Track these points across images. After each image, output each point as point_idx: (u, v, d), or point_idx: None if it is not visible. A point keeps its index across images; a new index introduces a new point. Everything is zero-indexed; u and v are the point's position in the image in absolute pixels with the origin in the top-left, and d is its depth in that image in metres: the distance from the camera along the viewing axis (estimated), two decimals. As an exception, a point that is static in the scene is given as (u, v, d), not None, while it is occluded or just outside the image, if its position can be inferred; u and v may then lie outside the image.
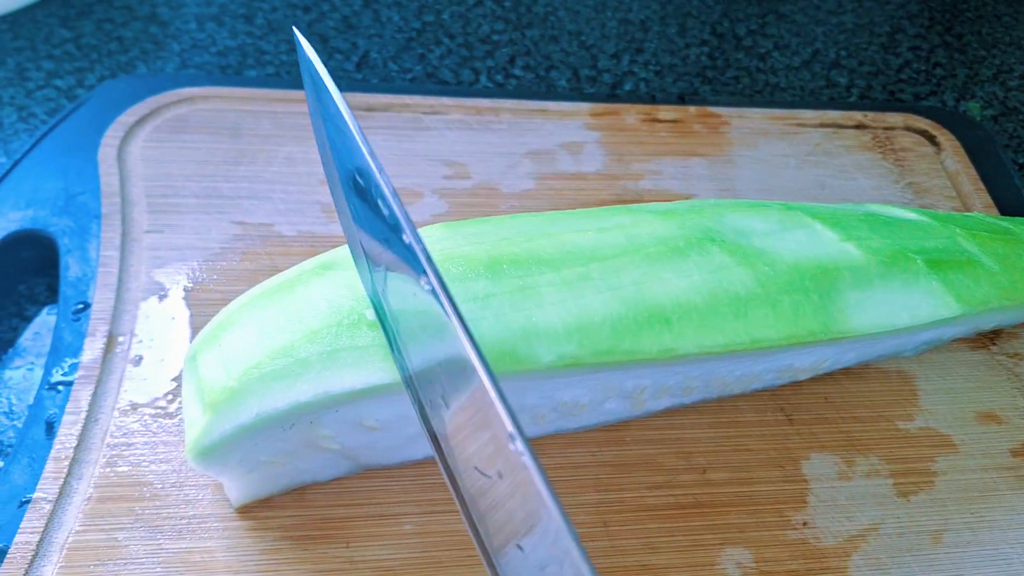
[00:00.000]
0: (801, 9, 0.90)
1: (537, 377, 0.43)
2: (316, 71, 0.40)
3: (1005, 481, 0.51)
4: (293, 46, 0.76)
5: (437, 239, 0.46)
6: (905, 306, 0.49)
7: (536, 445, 0.49)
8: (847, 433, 0.52)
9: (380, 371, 0.40)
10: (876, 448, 0.52)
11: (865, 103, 0.79)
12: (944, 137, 0.71)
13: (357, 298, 0.41)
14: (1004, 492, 0.50)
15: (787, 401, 0.53)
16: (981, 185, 0.68)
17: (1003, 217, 0.60)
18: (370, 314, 0.41)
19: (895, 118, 0.73)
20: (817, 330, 0.47)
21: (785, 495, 0.49)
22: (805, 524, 0.48)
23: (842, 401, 0.54)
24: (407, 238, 0.35)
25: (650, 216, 0.49)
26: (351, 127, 0.38)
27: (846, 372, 0.55)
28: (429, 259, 0.34)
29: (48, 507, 0.44)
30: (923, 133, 0.72)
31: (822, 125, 0.72)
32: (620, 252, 0.45)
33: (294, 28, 0.44)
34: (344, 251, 0.46)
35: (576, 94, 0.73)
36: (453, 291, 0.41)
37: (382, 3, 0.82)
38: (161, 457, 0.46)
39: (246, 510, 0.45)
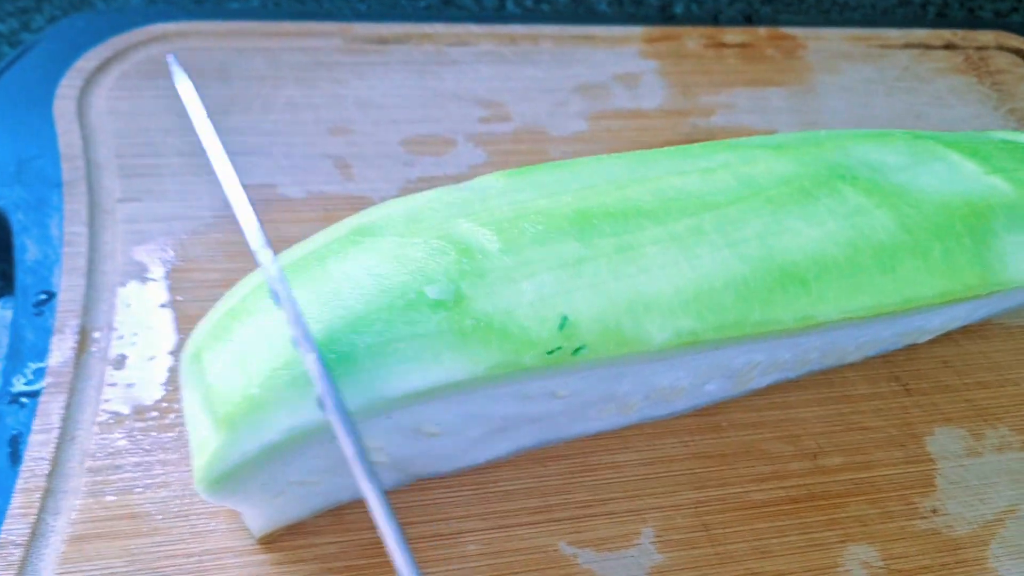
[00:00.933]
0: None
1: (639, 360, 0.35)
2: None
3: None
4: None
5: (500, 191, 0.37)
6: (1065, 249, 0.42)
7: (619, 437, 0.43)
8: (972, 401, 0.46)
9: (450, 364, 0.31)
10: (1005, 417, 0.46)
11: (946, 20, 0.72)
12: (1041, 57, 0.64)
13: (411, 271, 0.33)
14: None
15: (901, 368, 0.47)
16: (1085, 110, 0.61)
17: None
18: (431, 291, 0.32)
19: (986, 36, 0.67)
20: (975, 283, 0.40)
21: (909, 479, 0.43)
22: (935, 511, 0.42)
23: (962, 364, 0.48)
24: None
25: (761, 152, 0.41)
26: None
27: (964, 331, 0.49)
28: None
29: (18, 553, 0.36)
30: (1018, 52, 0.67)
31: (908, 46, 0.66)
32: (735, 198, 0.37)
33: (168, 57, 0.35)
34: (382, 211, 0.37)
35: (622, 17, 0.64)
36: (534, 255, 0.34)
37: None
38: (159, 480, 0.38)
39: (271, 540, 0.37)
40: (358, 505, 0.38)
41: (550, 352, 0.32)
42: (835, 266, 0.37)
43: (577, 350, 0.32)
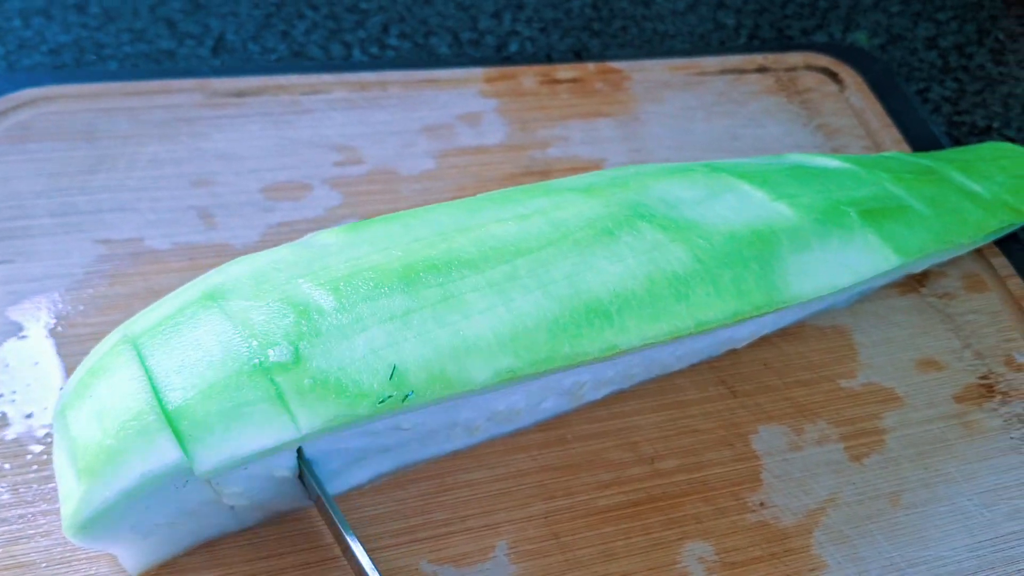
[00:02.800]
0: (680, -51, 0.86)
1: (471, 394, 0.38)
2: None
3: (952, 430, 0.49)
4: (137, 35, 0.68)
5: (339, 248, 0.40)
6: (844, 264, 0.47)
7: (473, 456, 0.45)
8: (792, 399, 0.50)
9: (292, 422, 0.34)
10: (823, 412, 0.49)
11: (757, 44, 0.77)
12: (845, 73, 0.70)
13: (255, 335, 0.36)
14: (953, 442, 0.49)
15: (727, 372, 0.50)
16: (888, 120, 0.67)
17: (921, 154, 0.58)
18: (273, 354, 0.35)
19: (795, 58, 0.71)
20: (762, 303, 0.44)
21: (739, 475, 0.46)
22: (762, 504, 0.45)
23: (782, 365, 0.51)
24: None
25: (571, 195, 0.44)
26: None
27: (782, 333, 0.53)
28: None
29: (-90, 611, 0.37)
30: (824, 71, 0.70)
31: (724, 71, 0.69)
32: (546, 242, 0.41)
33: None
34: (232, 270, 0.40)
35: (462, 60, 0.67)
36: (366, 311, 0.37)
37: (233, -24, 0.74)
38: (42, 530, 0.40)
39: (150, 578, 0.40)
40: (230, 539, 0.41)
41: (381, 401, 0.35)
42: (635, 298, 0.40)
43: (406, 397, 0.36)
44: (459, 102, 0.63)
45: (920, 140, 0.65)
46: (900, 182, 0.52)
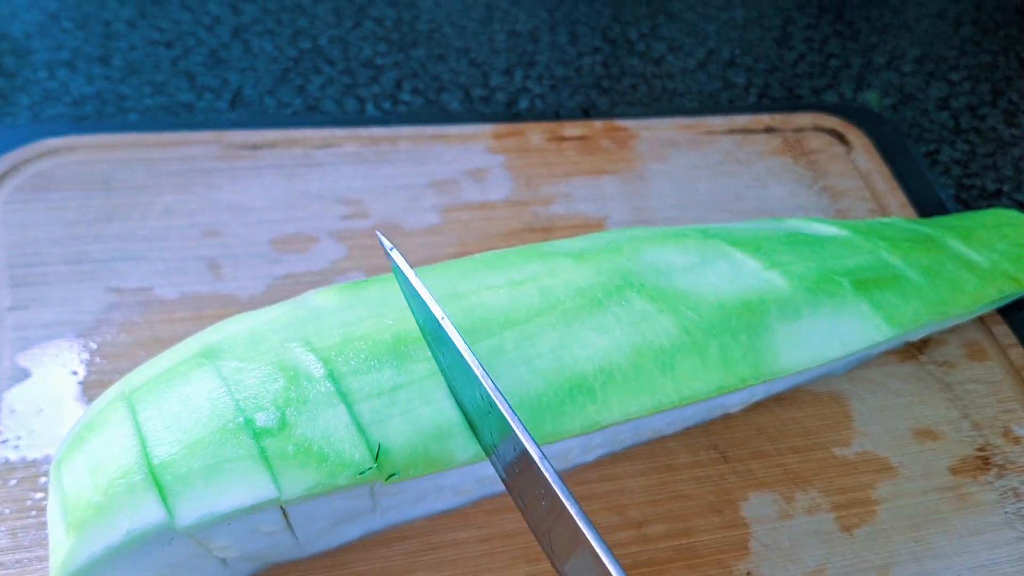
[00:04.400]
0: (690, 7, 0.87)
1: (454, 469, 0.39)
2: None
3: (947, 502, 0.49)
4: (157, 88, 0.70)
5: (333, 310, 0.41)
6: (835, 335, 0.47)
7: (461, 515, 0.46)
8: (784, 466, 0.49)
9: (273, 485, 0.35)
10: (815, 480, 0.49)
11: (767, 103, 0.77)
12: (853, 135, 0.70)
13: (243, 396, 0.37)
14: (947, 515, 0.48)
15: (720, 437, 0.50)
16: (895, 183, 0.67)
17: (921, 220, 0.59)
18: (260, 418, 0.36)
19: (803, 119, 0.71)
20: (748, 375, 0.44)
21: (726, 543, 0.46)
22: (749, 574, 0.45)
23: (776, 431, 0.51)
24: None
25: (564, 260, 0.45)
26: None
27: (777, 399, 0.53)
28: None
29: (-94, 654, 0.39)
30: (832, 132, 0.71)
31: (731, 131, 0.70)
32: (535, 313, 0.42)
33: (378, 234, 0.39)
34: (230, 327, 0.41)
35: (472, 116, 0.69)
36: (354, 383, 0.38)
37: (252, 32, 0.76)
38: (37, 575, 0.41)
39: (139, 630, 0.40)
40: (219, 593, 0.42)
41: (361, 473, 0.36)
42: (619, 372, 0.41)
43: (389, 476, 0.36)
44: (467, 157, 0.64)
45: (926, 204, 0.65)
46: (896, 251, 0.52)
